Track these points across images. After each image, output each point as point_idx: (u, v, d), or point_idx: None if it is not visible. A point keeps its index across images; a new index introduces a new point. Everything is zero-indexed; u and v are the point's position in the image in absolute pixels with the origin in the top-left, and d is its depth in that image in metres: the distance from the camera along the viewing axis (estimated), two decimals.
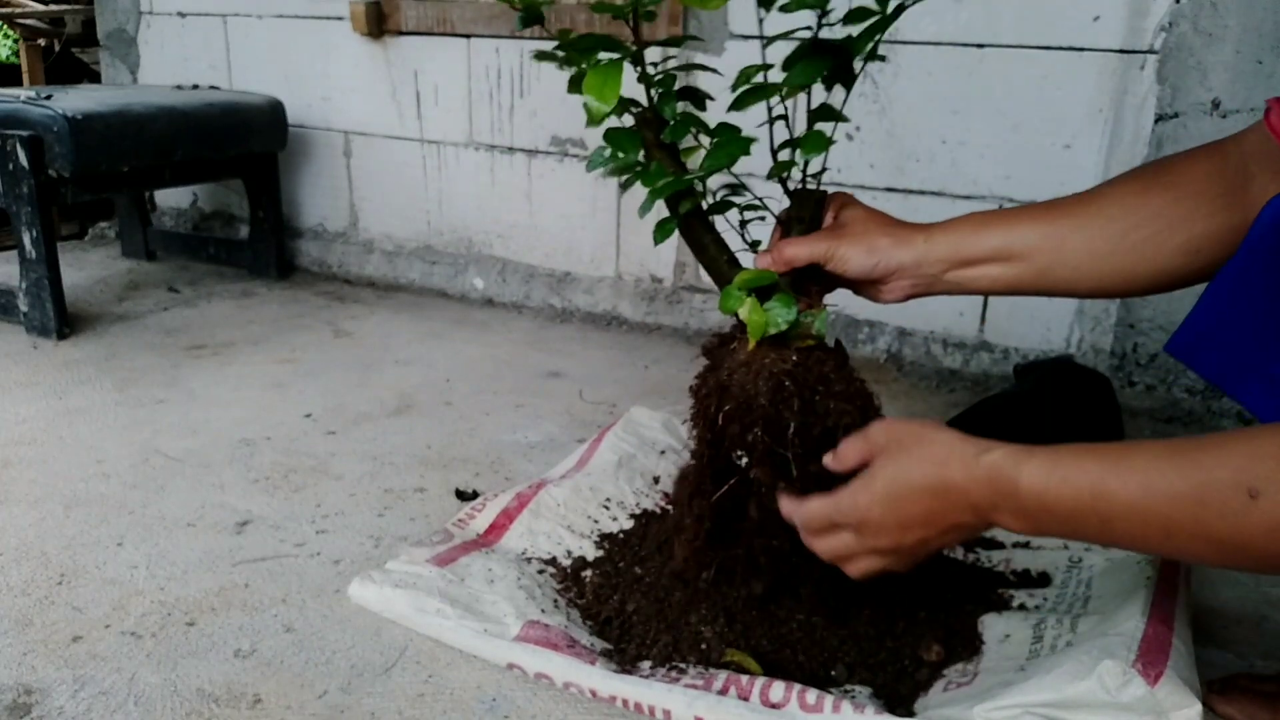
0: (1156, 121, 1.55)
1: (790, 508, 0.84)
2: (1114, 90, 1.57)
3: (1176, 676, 0.75)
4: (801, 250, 0.87)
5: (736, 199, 0.94)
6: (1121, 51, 1.55)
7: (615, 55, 0.81)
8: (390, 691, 0.89)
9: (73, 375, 1.68)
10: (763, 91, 0.84)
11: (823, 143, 0.84)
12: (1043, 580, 1.03)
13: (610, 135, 0.87)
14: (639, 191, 0.88)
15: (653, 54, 1.08)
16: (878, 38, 0.82)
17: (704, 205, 0.92)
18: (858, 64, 0.84)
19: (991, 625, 0.94)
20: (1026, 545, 1.11)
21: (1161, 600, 0.88)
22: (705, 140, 0.89)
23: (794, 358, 0.86)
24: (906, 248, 0.87)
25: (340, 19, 2.27)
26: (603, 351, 1.92)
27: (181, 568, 1.09)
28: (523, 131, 2.14)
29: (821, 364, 0.87)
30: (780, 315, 0.85)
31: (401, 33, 2.21)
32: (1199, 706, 0.73)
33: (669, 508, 1.18)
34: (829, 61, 0.83)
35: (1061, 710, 0.76)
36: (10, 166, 1.77)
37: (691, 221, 0.92)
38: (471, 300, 2.26)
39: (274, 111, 2.24)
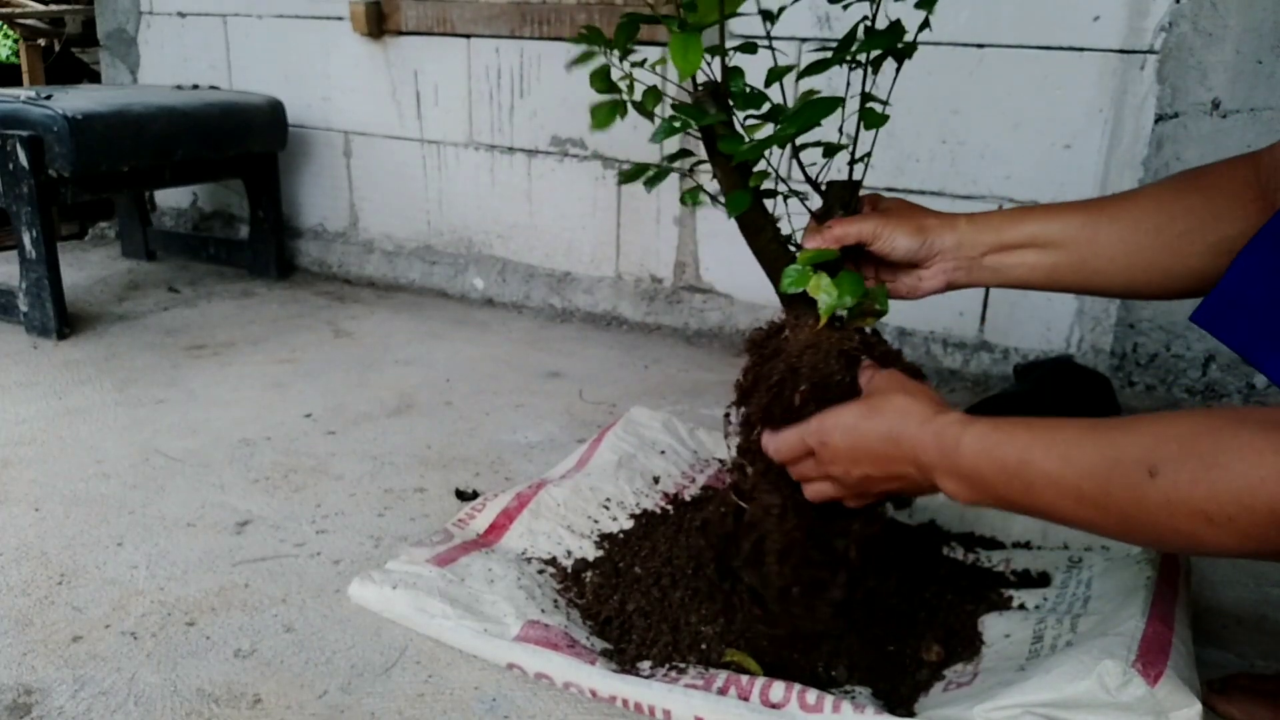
0: (1156, 121, 1.55)
1: (768, 439, 0.87)
2: (1114, 90, 1.57)
3: (1176, 676, 0.75)
4: (851, 229, 0.88)
5: (779, 188, 0.94)
6: (1121, 51, 1.55)
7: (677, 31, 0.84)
8: (390, 691, 0.89)
9: (73, 375, 1.68)
10: (834, 58, 0.88)
11: (880, 118, 0.87)
12: (1043, 580, 1.03)
13: (678, 107, 0.88)
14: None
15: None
16: (928, 12, 0.87)
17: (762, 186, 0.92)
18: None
19: (991, 625, 0.94)
20: (1026, 545, 1.11)
21: (1161, 600, 0.88)
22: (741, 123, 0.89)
23: (857, 336, 0.87)
24: (950, 230, 0.90)
25: (340, 19, 2.27)
26: (603, 351, 1.92)
27: (181, 568, 1.09)
28: (523, 131, 2.14)
29: (880, 343, 0.89)
30: (852, 291, 0.85)
31: (401, 33, 2.21)
32: (1199, 706, 0.73)
33: (669, 508, 1.19)
34: (889, 38, 0.87)
35: (1061, 710, 0.76)
36: (10, 166, 1.77)
37: (755, 200, 0.91)
38: (471, 300, 2.26)
39: (274, 111, 2.24)
